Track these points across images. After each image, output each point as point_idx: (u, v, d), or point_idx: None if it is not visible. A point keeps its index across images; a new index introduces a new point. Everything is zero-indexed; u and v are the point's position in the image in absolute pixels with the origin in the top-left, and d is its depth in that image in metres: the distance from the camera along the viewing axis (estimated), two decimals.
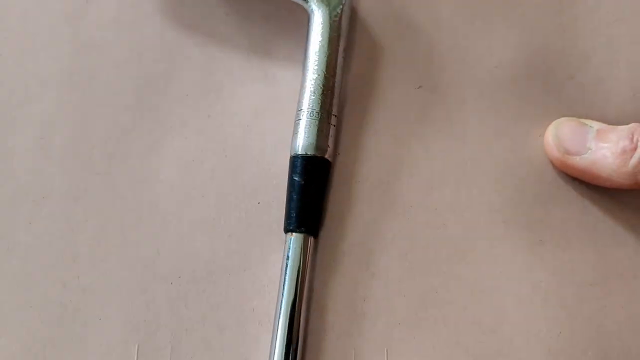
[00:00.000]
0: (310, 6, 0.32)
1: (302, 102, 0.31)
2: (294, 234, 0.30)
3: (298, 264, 0.29)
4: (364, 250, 0.31)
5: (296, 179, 0.30)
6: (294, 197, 0.30)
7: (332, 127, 0.31)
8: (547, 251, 0.31)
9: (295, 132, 0.31)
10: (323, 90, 0.31)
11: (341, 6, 0.32)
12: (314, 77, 0.31)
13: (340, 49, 0.32)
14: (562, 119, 0.32)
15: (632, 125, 0.29)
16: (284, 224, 0.30)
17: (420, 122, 0.33)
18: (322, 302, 0.30)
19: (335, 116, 0.31)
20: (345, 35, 0.32)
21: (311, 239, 0.30)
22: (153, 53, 0.34)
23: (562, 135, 0.31)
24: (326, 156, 0.31)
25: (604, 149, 0.29)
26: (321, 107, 0.31)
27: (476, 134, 0.32)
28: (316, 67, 0.31)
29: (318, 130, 0.30)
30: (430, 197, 0.32)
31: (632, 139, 0.29)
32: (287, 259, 0.29)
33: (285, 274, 0.29)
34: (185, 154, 0.33)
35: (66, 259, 0.31)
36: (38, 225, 0.32)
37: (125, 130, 0.33)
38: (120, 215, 0.32)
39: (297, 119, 0.31)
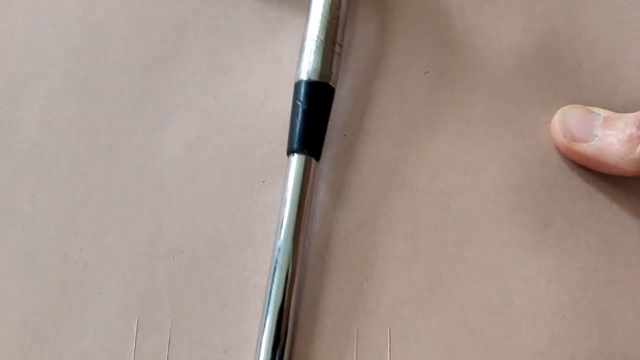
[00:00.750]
0: None
1: (307, 32, 0.31)
2: (296, 154, 0.30)
3: (300, 184, 0.29)
4: (369, 231, 0.31)
5: (299, 104, 0.30)
6: (297, 121, 0.30)
7: (336, 55, 0.31)
8: (551, 236, 0.30)
9: (299, 60, 0.31)
10: (328, 20, 0.31)
11: None
12: (320, 10, 0.31)
13: None
14: (569, 106, 0.32)
15: (639, 112, 0.29)
16: (287, 147, 0.30)
17: (428, 106, 0.33)
18: (325, 281, 0.30)
19: (340, 46, 0.31)
20: None
21: (314, 162, 0.30)
22: (161, 32, 0.34)
23: (569, 123, 0.31)
24: (330, 83, 0.31)
25: (610, 136, 0.29)
26: (326, 35, 0.31)
27: (484, 119, 0.32)
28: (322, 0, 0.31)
29: (322, 57, 0.31)
30: (437, 180, 0.31)
31: (638, 126, 0.29)
32: (289, 179, 0.29)
33: (287, 196, 0.29)
34: (190, 133, 0.33)
35: (68, 232, 0.31)
36: (42, 198, 0.31)
37: (131, 108, 0.33)
38: (124, 191, 0.32)
39: (302, 48, 0.31)
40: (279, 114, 0.33)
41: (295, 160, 0.29)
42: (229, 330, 0.29)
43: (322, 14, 0.31)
